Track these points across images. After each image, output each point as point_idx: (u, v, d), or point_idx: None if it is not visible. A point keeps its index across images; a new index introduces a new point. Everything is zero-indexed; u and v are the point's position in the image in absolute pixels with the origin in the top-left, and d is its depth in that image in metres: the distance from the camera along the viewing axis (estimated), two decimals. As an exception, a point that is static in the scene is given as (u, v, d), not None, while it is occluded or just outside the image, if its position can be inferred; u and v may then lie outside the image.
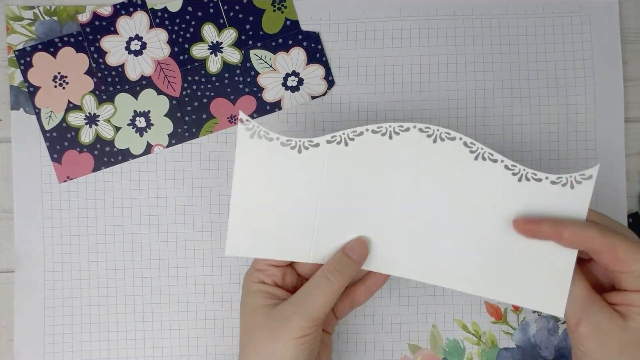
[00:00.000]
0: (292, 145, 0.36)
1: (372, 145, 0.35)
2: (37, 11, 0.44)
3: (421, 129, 0.35)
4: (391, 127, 0.35)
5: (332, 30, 0.44)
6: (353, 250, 0.36)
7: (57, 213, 0.44)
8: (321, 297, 0.34)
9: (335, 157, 0.36)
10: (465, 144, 0.35)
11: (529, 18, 0.44)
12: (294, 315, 0.34)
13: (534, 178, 0.34)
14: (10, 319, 0.44)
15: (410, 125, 0.35)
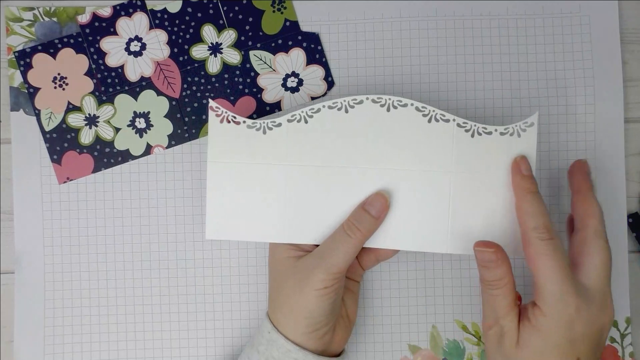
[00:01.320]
0: (257, 127, 0.38)
1: (330, 120, 0.37)
2: (36, 12, 0.44)
3: (374, 99, 0.37)
4: (345, 101, 0.37)
5: (332, 31, 0.44)
6: (372, 206, 0.37)
7: (57, 214, 0.44)
8: (340, 253, 0.36)
9: (296, 134, 0.38)
10: (417, 108, 0.37)
11: (528, 18, 0.44)
12: (315, 268, 0.36)
13: (485, 132, 0.37)
14: (10, 319, 0.44)
15: (363, 97, 0.37)
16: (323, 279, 0.35)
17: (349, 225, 0.36)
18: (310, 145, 0.38)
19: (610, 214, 0.44)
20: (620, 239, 0.44)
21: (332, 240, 0.37)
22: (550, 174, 0.44)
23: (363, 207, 0.37)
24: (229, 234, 0.38)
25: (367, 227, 0.36)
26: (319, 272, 0.35)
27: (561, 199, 0.44)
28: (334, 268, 0.35)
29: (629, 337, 0.44)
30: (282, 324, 0.37)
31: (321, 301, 0.36)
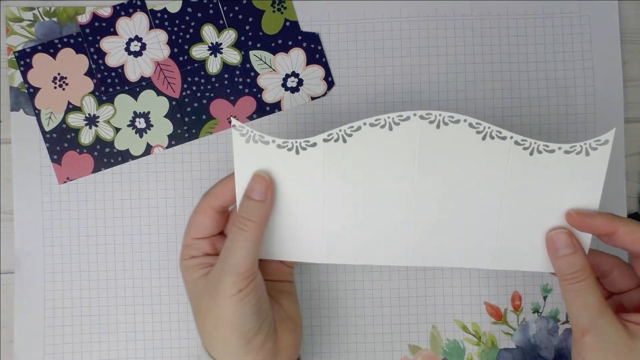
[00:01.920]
0: (289, 147, 0.34)
1: (372, 139, 0.34)
2: (36, 12, 0.44)
3: (422, 115, 0.33)
4: (390, 117, 0.33)
5: (332, 31, 0.44)
6: (253, 190, 0.34)
7: (57, 214, 0.44)
8: (240, 249, 0.33)
9: (335, 155, 0.34)
10: (470, 125, 0.33)
11: (528, 18, 0.44)
12: (221, 276, 0.33)
13: (546, 150, 0.33)
14: (10, 319, 0.44)
15: (410, 113, 0.33)
16: (233, 282, 0.33)
17: (239, 219, 0.34)
18: (351, 166, 0.34)
19: (610, 214, 0.44)
20: (620, 239, 0.44)
21: (229, 241, 0.34)
22: (550, 174, 0.44)
23: (246, 195, 0.34)
24: (265, 255, 0.37)
25: (257, 213, 0.34)
26: (226, 276, 0.33)
27: (561, 199, 0.44)
28: (239, 267, 0.33)
29: (629, 337, 0.44)
30: (214, 347, 0.35)
31: (240, 307, 0.33)
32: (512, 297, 0.44)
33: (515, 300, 0.44)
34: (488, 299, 0.44)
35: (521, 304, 0.44)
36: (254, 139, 0.34)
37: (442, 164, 0.34)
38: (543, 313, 0.44)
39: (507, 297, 0.44)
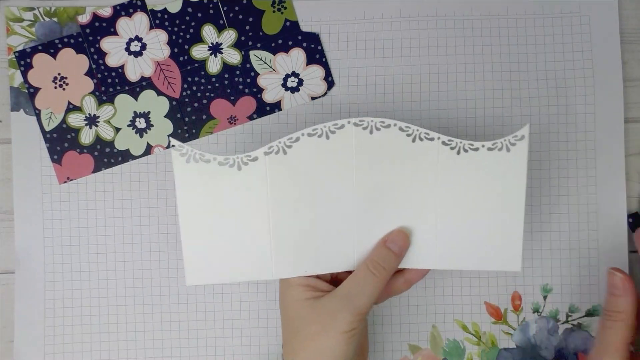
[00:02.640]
0: (230, 163, 0.36)
1: (311, 148, 0.36)
2: (37, 12, 0.44)
3: (355, 123, 0.36)
4: (326, 127, 0.35)
5: (332, 31, 0.44)
6: (394, 243, 0.36)
7: (57, 214, 0.44)
8: (367, 292, 0.35)
9: (276, 167, 0.36)
10: (400, 128, 0.36)
11: (528, 18, 0.44)
12: (341, 310, 0.34)
13: (471, 148, 0.36)
14: (10, 319, 0.44)
15: (345, 121, 0.36)
16: (351, 321, 0.34)
17: (374, 265, 0.36)
18: (292, 177, 0.36)
19: (610, 214, 0.44)
20: (620, 239, 0.44)
21: (357, 280, 0.36)
22: (550, 174, 0.44)
23: (385, 244, 0.36)
24: (209, 278, 0.37)
25: (391, 264, 0.36)
26: (346, 314, 0.34)
27: (561, 199, 0.44)
28: (361, 309, 0.35)
29: (629, 337, 0.44)
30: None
31: (348, 344, 0.34)
32: (512, 297, 0.44)
33: (515, 300, 0.44)
34: (488, 299, 0.44)
35: (521, 304, 0.44)
36: (194, 158, 0.35)
37: (378, 167, 0.36)
38: (543, 313, 0.44)
39: (507, 297, 0.44)
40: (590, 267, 0.44)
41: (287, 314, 0.37)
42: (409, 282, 0.39)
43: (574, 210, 0.44)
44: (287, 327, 0.37)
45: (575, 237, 0.44)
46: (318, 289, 0.36)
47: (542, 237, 0.44)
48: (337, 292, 0.36)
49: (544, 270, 0.44)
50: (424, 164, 0.36)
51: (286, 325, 0.37)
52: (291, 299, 0.37)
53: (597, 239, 0.44)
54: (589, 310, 0.44)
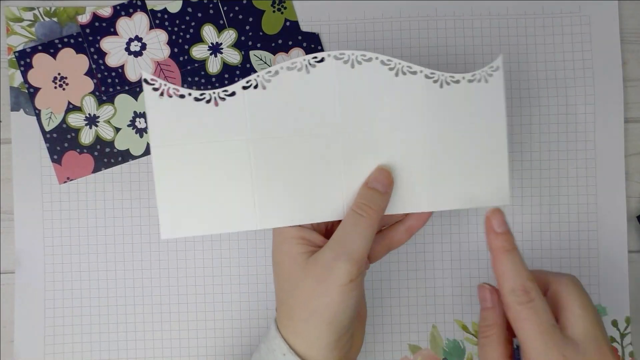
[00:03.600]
0: (207, 98, 0.33)
1: (290, 82, 0.34)
2: (37, 12, 0.44)
3: (336, 56, 0.34)
4: (305, 60, 0.34)
5: (332, 31, 0.44)
6: (377, 182, 0.34)
7: (57, 214, 0.44)
8: (359, 236, 0.33)
9: (256, 103, 0.33)
10: (382, 62, 0.34)
11: (528, 18, 0.44)
12: (337, 260, 0.32)
13: (453, 80, 0.35)
14: (10, 319, 0.44)
15: (325, 54, 0.34)
16: (349, 270, 0.31)
17: (360, 206, 0.33)
18: (272, 113, 0.34)
19: (610, 214, 0.44)
20: (620, 239, 0.44)
21: (345, 225, 0.33)
22: (550, 174, 0.44)
23: (368, 185, 0.34)
24: (187, 230, 0.34)
25: (378, 204, 0.34)
26: (342, 263, 0.32)
27: (561, 199, 0.44)
28: (356, 254, 0.32)
29: (628, 337, 0.44)
30: (298, 333, 0.33)
31: (348, 298, 0.32)
32: (512, 297, 0.44)
33: (515, 300, 0.44)
34: (488, 298, 0.44)
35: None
36: (168, 93, 0.33)
37: (362, 103, 0.35)
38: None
39: (507, 297, 0.44)
40: (590, 267, 0.44)
41: (281, 271, 0.34)
42: (409, 230, 0.37)
43: (574, 210, 0.44)
44: (280, 286, 0.34)
45: (575, 237, 0.44)
46: (312, 242, 0.34)
47: (542, 237, 0.44)
48: (329, 243, 0.33)
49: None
50: (408, 98, 0.35)
51: (280, 284, 0.34)
52: (284, 253, 0.34)
53: (597, 239, 0.44)
54: (589, 310, 0.44)
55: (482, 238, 0.44)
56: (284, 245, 0.34)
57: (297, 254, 0.33)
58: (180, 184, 0.34)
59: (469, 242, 0.44)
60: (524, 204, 0.44)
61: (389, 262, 0.44)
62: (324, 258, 0.32)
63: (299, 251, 0.33)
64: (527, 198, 0.44)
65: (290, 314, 0.33)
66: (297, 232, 0.34)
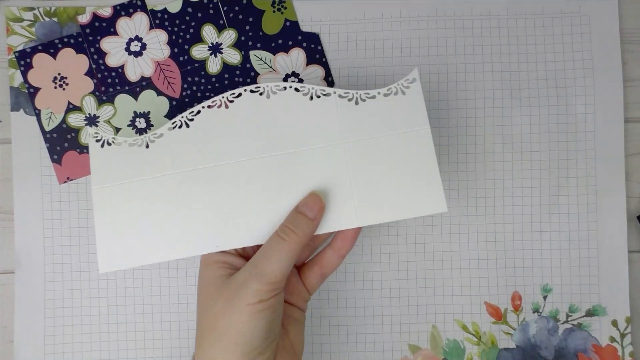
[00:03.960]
0: (139, 142, 0.36)
1: (211, 119, 0.36)
2: (37, 12, 0.44)
3: (252, 89, 0.36)
4: (224, 97, 0.36)
5: (332, 31, 0.44)
6: (307, 207, 0.34)
7: (57, 214, 0.44)
8: (275, 257, 0.32)
9: (180, 141, 0.36)
10: (295, 89, 0.36)
11: (528, 18, 0.44)
12: (247, 280, 0.32)
13: (368, 97, 0.36)
14: (10, 319, 0.44)
15: (241, 89, 0.36)
16: (257, 289, 0.31)
17: (283, 229, 0.33)
18: (196, 149, 0.36)
19: (610, 214, 0.44)
20: (620, 239, 0.44)
21: (265, 247, 0.33)
22: (550, 174, 0.44)
23: (297, 209, 0.34)
24: (127, 262, 0.35)
25: (303, 229, 0.33)
26: (252, 282, 0.31)
27: (561, 199, 0.44)
28: (269, 276, 0.31)
29: (628, 337, 0.44)
30: (209, 356, 0.32)
31: (256, 319, 0.31)
32: (512, 297, 0.44)
33: (515, 300, 0.44)
34: (488, 298, 0.44)
35: (521, 304, 0.44)
36: (108, 142, 0.37)
37: (280, 130, 0.36)
38: (543, 313, 0.44)
39: (507, 297, 0.44)
40: (590, 267, 0.44)
41: (201, 294, 0.34)
42: (338, 252, 0.36)
43: (574, 210, 0.44)
44: (199, 309, 0.34)
45: (575, 237, 0.44)
46: (235, 266, 0.34)
47: (542, 237, 0.44)
48: (246, 265, 0.33)
49: (544, 270, 0.44)
50: (325, 119, 0.36)
51: (199, 308, 0.34)
52: (204, 279, 0.34)
53: (597, 239, 0.44)
54: (589, 310, 0.44)
55: (482, 238, 0.44)
56: (205, 272, 0.34)
57: (216, 278, 0.34)
58: (117, 221, 0.36)
59: (468, 242, 0.44)
60: (524, 204, 0.44)
61: (389, 262, 0.44)
62: (237, 278, 0.32)
63: (218, 274, 0.34)
64: (527, 198, 0.44)
65: (201, 339, 0.33)
66: (220, 257, 0.35)
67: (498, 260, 0.44)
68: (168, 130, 0.36)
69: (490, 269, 0.44)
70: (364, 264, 0.44)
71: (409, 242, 0.44)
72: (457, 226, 0.44)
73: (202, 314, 0.33)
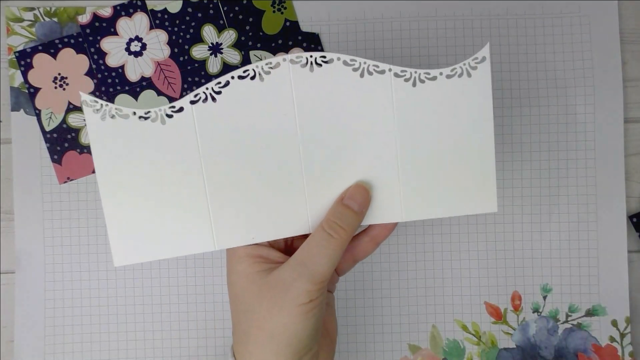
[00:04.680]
0: (153, 117, 0.30)
1: (243, 93, 0.31)
2: (37, 12, 0.44)
3: (292, 59, 0.31)
4: (258, 67, 0.30)
5: (332, 31, 0.44)
6: (353, 200, 0.31)
7: (57, 214, 0.44)
8: (325, 257, 0.30)
9: (206, 117, 0.31)
10: (345, 62, 0.31)
11: (528, 19, 0.44)
12: (297, 279, 0.30)
13: (428, 78, 0.31)
14: (10, 319, 0.44)
15: (279, 58, 0.31)
16: (308, 290, 0.29)
17: (330, 225, 0.31)
18: (224, 127, 0.31)
19: (610, 214, 0.44)
20: (620, 239, 0.44)
21: (312, 244, 0.31)
22: (550, 174, 0.44)
23: (343, 202, 0.31)
24: (141, 256, 0.31)
25: (351, 224, 0.31)
26: (302, 282, 0.30)
27: (561, 199, 0.44)
28: (319, 276, 0.30)
29: (628, 337, 0.44)
30: (260, 357, 0.30)
31: (307, 318, 0.30)
32: (512, 297, 0.44)
33: (515, 300, 0.44)
34: (488, 298, 0.44)
35: (521, 304, 0.44)
36: (110, 114, 0.30)
37: (323, 109, 0.31)
38: (543, 313, 0.44)
39: (507, 297, 0.44)
40: (590, 267, 0.44)
41: (235, 291, 0.32)
42: (374, 240, 0.34)
43: (574, 210, 0.44)
44: (235, 308, 0.32)
45: (575, 237, 0.44)
46: (270, 260, 0.32)
47: (542, 237, 0.44)
48: (290, 261, 0.31)
49: (544, 270, 0.44)
50: (376, 101, 0.31)
51: (234, 306, 0.32)
52: (239, 274, 0.31)
53: (597, 239, 0.44)
54: (588, 310, 0.44)
55: (482, 238, 0.44)
56: (239, 265, 0.32)
57: (253, 274, 0.31)
58: (131, 209, 0.31)
59: (468, 242, 0.44)
60: (523, 204, 0.44)
61: (389, 262, 0.44)
62: (283, 277, 0.30)
63: (255, 270, 0.31)
64: (527, 198, 0.44)
65: (246, 338, 0.31)
66: (253, 250, 0.32)
67: (498, 260, 0.44)
68: (190, 103, 0.30)
69: (490, 269, 0.44)
70: (364, 263, 0.44)
71: (409, 242, 0.44)
72: (457, 226, 0.44)
73: (241, 312, 0.31)
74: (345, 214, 0.31)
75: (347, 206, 0.31)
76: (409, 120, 0.32)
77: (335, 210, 0.31)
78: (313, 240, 0.31)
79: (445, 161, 0.32)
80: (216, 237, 0.32)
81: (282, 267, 0.31)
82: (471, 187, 0.32)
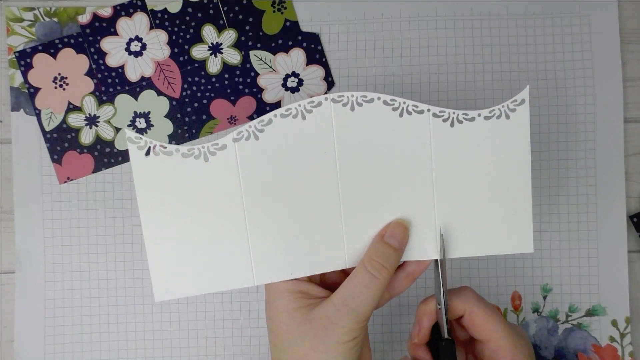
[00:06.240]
0: (196, 154, 0.31)
1: (285, 131, 0.31)
2: (37, 12, 0.44)
3: (334, 99, 0.31)
4: (301, 105, 0.31)
5: (332, 31, 0.44)
6: (393, 238, 0.32)
7: (57, 214, 0.44)
8: (368, 297, 0.31)
9: (248, 155, 0.31)
10: (385, 102, 0.32)
11: (528, 19, 0.44)
12: (341, 318, 0.30)
13: (466, 119, 0.32)
14: (10, 319, 0.44)
15: (322, 98, 0.31)
16: (352, 329, 0.30)
17: (374, 265, 0.31)
18: (266, 164, 0.32)
19: (610, 214, 0.44)
20: (620, 239, 0.44)
21: (355, 283, 0.31)
22: (550, 174, 0.44)
23: (383, 239, 0.32)
24: (182, 291, 0.32)
25: (392, 262, 0.32)
26: (346, 322, 0.30)
27: (561, 199, 0.44)
28: (363, 315, 0.31)
29: (628, 337, 0.44)
30: None
31: (349, 354, 0.31)
32: (512, 297, 0.44)
33: (515, 300, 0.44)
34: (488, 298, 0.44)
35: (521, 304, 0.44)
36: (154, 151, 0.31)
37: (363, 147, 0.32)
38: (543, 313, 0.44)
39: (507, 297, 0.44)
40: (590, 267, 0.44)
41: (276, 327, 0.32)
42: (410, 276, 0.34)
43: (574, 210, 0.44)
44: (276, 343, 0.32)
45: (575, 237, 0.44)
46: (311, 295, 0.32)
47: (542, 237, 0.44)
48: (333, 299, 0.31)
49: (544, 270, 0.44)
50: (414, 140, 0.32)
51: (275, 341, 0.32)
52: (280, 309, 0.32)
53: (597, 239, 0.44)
54: (588, 310, 0.44)
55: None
56: (279, 301, 0.32)
57: (294, 309, 0.31)
58: (172, 244, 0.32)
59: (469, 242, 0.44)
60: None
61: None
62: (327, 315, 0.31)
63: (296, 306, 0.32)
64: (527, 198, 0.44)
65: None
66: (294, 286, 0.32)
67: (498, 260, 0.44)
68: (232, 141, 0.31)
69: (491, 269, 0.44)
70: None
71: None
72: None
73: (282, 348, 0.32)
74: (387, 252, 0.32)
75: (388, 244, 0.32)
76: (447, 159, 0.32)
77: (377, 248, 0.32)
78: (356, 279, 0.31)
79: (481, 200, 0.32)
80: (255, 272, 0.32)
81: (324, 305, 0.31)
82: (507, 227, 0.33)
